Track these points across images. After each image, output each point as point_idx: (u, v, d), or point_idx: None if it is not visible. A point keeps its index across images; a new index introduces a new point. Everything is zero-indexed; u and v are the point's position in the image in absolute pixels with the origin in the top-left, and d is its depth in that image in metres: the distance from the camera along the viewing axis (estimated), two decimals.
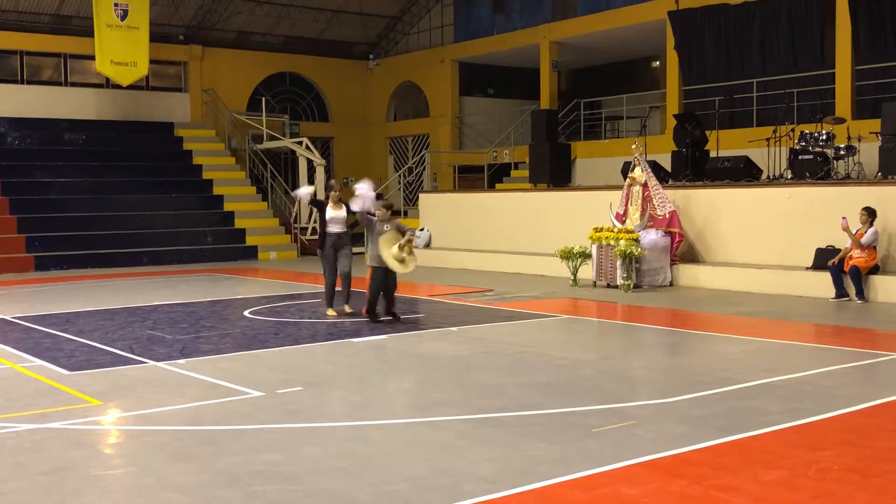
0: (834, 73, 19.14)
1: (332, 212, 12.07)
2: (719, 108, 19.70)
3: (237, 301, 14.62)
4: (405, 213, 25.72)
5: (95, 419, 6.98)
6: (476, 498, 4.98)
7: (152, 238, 23.11)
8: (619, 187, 16.93)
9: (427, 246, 10.82)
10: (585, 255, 15.96)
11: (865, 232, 13.33)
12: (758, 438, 6.09)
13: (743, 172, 16.87)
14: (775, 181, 16.47)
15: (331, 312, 12.18)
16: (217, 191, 25.80)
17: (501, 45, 26.92)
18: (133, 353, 9.64)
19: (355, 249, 12.87)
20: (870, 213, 13.37)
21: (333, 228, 12.05)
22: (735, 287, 14.92)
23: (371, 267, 11.59)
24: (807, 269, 14.31)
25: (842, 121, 16.79)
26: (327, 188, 12.69)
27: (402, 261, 11.23)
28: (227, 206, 25.34)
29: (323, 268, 12.25)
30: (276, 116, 28.61)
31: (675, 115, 19.81)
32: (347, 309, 12.27)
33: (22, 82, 26.16)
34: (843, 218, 13.41)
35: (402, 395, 7.61)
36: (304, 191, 13.57)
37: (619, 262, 15.22)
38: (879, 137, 15.47)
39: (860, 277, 13.23)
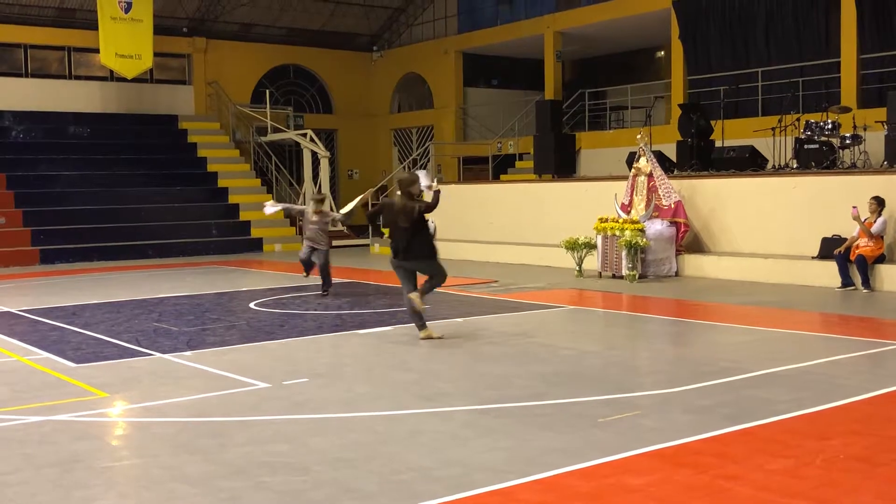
0: (839, 62, 19.06)
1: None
2: (724, 97, 19.64)
3: (242, 293, 14.64)
4: None
5: (102, 411, 7.00)
6: (484, 487, 4.98)
7: (157, 231, 23.13)
8: (625, 178, 16.91)
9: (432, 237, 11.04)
10: (590, 246, 15.94)
11: (875, 221, 13.31)
12: (763, 428, 6.09)
13: (748, 162, 16.84)
14: (781, 171, 16.42)
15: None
16: (222, 183, 25.81)
17: (505, 35, 26.83)
18: (139, 346, 9.66)
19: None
20: (879, 203, 13.35)
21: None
22: (740, 277, 14.90)
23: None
24: (812, 258, 14.29)
25: (847, 110, 16.73)
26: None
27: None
28: (232, 199, 25.36)
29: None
30: (280, 108, 28.61)
31: (679, 105, 19.75)
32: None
33: (26, 76, 26.17)
34: (854, 207, 13.37)
35: (408, 385, 7.61)
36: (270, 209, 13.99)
37: (624, 253, 15.21)
38: (885, 126, 15.42)
39: (866, 266, 13.21)
